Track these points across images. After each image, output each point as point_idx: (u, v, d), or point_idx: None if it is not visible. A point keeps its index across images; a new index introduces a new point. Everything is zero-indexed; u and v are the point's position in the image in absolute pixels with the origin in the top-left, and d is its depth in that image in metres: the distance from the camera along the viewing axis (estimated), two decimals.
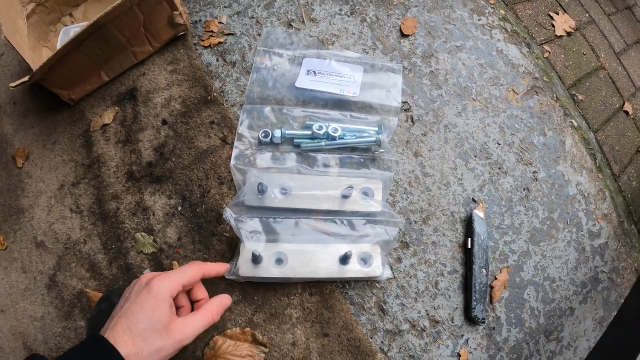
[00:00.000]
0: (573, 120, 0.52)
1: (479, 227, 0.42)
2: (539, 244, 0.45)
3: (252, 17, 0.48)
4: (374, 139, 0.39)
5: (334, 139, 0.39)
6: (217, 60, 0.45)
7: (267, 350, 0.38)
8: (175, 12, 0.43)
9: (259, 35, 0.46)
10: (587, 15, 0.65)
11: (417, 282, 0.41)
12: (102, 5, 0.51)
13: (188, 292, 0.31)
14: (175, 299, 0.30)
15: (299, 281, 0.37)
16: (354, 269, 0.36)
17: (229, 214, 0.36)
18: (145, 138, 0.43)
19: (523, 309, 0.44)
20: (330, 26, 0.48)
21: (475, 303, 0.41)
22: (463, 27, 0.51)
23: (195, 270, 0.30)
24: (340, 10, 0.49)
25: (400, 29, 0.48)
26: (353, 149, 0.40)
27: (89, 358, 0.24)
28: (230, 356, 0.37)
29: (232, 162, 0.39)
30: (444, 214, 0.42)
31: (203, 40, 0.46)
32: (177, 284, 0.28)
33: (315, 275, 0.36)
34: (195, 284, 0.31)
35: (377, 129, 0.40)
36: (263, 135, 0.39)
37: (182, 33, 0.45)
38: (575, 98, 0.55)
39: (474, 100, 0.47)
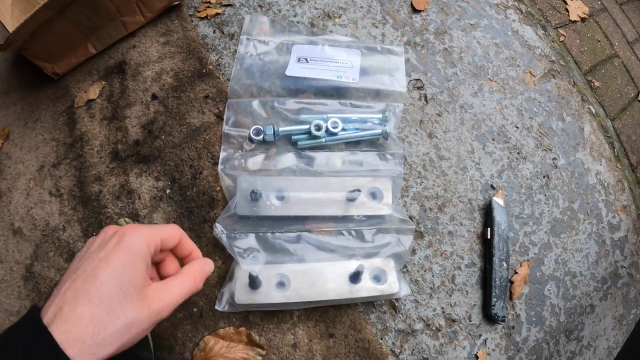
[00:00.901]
0: (591, 107, 0.46)
1: (499, 216, 0.35)
2: (559, 235, 0.39)
3: None
4: (379, 131, 0.32)
5: (334, 133, 0.32)
6: (214, 32, 0.38)
7: (264, 353, 0.31)
8: None
9: (260, 6, 0.40)
10: (599, 2, 0.59)
11: (432, 275, 0.34)
12: None
13: (157, 265, 0.21)
14: (160, 263, 0.21)
15: (305, 306, 0.30)
16: (367, 287, 0.29)
17: (219, 230, 0.29)
18: (132, 114, 0.36)
19: (543, 306, 0.37)
20: None
21: (495, 299, 0.34)
22: (477, 5, 0.44)
23: (173, 227, 0.21)
24: None
25: (412, 3, 0.41)
26: (357, 143, 0.33)
27: (16, 347, 0.14)
28: (223, 358, 0.31)
29: (219, 166, 0.31)
30: (460, 201, 0.36)
31: (199, 11, 0.39)
32: (155, 237, 0.19)
33: (323, 298, 0.29)
34: (179, 245, 0.21)
35: (381, 116, 0.33)
36: (254, 132, 0.32)
37: (177, 2, 0.39)
38: (592, 84, 0.48)
39: (490, 80, 0.40)
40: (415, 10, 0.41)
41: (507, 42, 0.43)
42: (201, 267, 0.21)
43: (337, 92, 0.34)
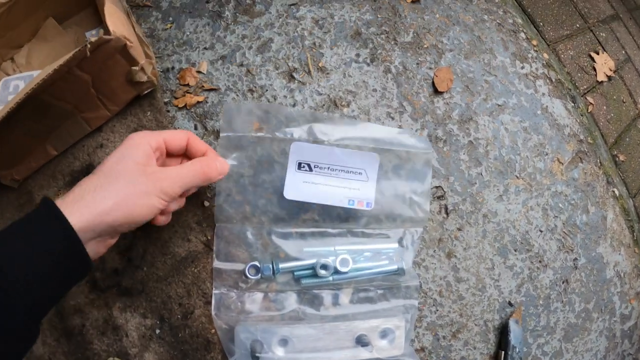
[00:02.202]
0: (615, 189, 0.39)
1: (514, 339, 0.30)
2: (571, 340, 0.35)
3: (242, 64, 0.31)
4: (395, 267, 0.26)
5: (343, 272, 0.25)
6: (195, 128, 0.29)
7: None
8: (135, 68, 0.26)
9: (251, 91, 0.30)
10: (623, 52, 0.50)
11: None
12: (49, 45, 0.33)
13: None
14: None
15: None
16: None
17: None
18: None
19: None
20: (344, 78, 0.31)
21: None
22: (505, 79, 0.35)
23: (181, 132, 0.22)
24: (357, 55, 0.32)
25: (433, 83, 0.32)
26: (369, 279, 0.26)
27: (25, 221, 0.16)
28: None
29: (213, 311, 0.24)
30: (476, 325, 0.30)
31: (176, 98, 0.30)
32: (158, 137, 0.20)
33: None
34: (190, 146, 0.22)
35: (397, 246, 0.26)
36: (251, 272, 0.25)
37: (148, 90, 0.29)
38: (617, 159, 0.41)
39: (517, 177, 0.32)
40: (437, 92, 0.32)
41: (536, 124, 0.34)
42: (213, 160, 0.21)
43: (346, 216, 0.26)
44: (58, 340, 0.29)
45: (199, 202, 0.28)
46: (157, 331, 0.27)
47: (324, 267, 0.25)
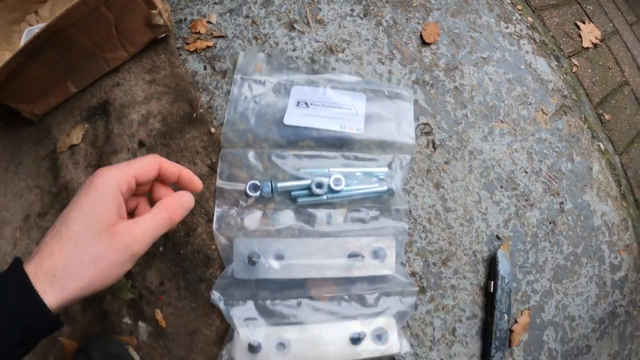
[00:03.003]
0: (600, 143, 0.43)
1: (503, 269, 0.33)
2: (561, 281, 0.38)
3: (247, 16, 0.37)
4: (385, 187, 0.30)
5: (337, 191, 0.29)
6: (205, 68, 0.34)
7: None
8: (153, 11, 0.31)
9: (255, 38, 0.35)
10: (610, 24, 0.55)
11: (433, 329, 0.33)
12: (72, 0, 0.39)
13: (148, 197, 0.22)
14: (153, 191, 0.22)
15: None
16: (368, 349, 0.28)
17: (217, 297, 0.27)
18: (118, 161, 0.33)
19: (541, 351, 0.37)
20: (339, 29, 0.37)
21: (494, 351, 0.33)
22: (489, 36, 0.40)
23: (151, 160, 0.20)
24: (352, 10, 0.38)
25: (421, 35, 0.37)
26: (360, 199, 0.30)
27: None
28: None
29: (214, 226, 0.28)
30: (465, 254, 0.34)
31: (188, 44, 0.35)
32: (125, 175, 0.19)
33: (325, 359, 0.28)
34: (152, 182, 0.21)
35: (386, 170, 0.31)
36: (251, 188, 0.29)
37: (163, 35, 0.34)
38: (602, 118, 0.45)
39: (501, 121, 0.37)
40: (424, 43, 0.37)
41: (519, 77, 0.40)
42: (177, 201, 0.21)
43: (340, 143, 0.31)
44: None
45: (206, 129, 0.32)
46: (160, 249, 0.31)
47: (319, 185, 0.29)
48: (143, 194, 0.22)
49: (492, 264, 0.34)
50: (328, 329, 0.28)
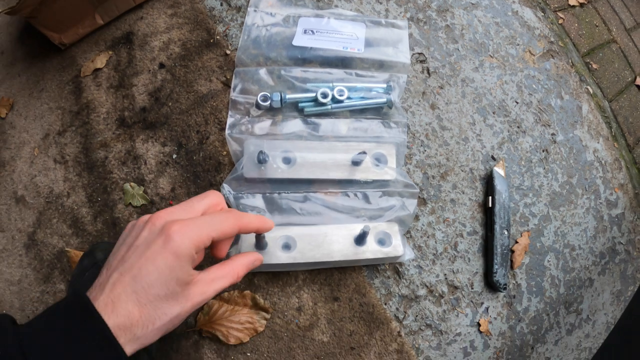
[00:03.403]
0: (588, 87, 0.48)
1: (500, 185, 0.36)
2: (558, 208, 0.40)
3: None
4: (384, 99, 0.33)
5: (340, 101, 0.33)
6: (221, 5, 0.39)
7: (268, 316, 0.32)
8: None
9: None
10: None
11: (435, 242, 0.35)
12: None
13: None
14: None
15: (311, 267, 0.31)
16: (372, 249, 0.30)
17: (227, 190, 0.30)
18: (139, 82, 0.37)
19: (543, 277, 0.38)
20: None
21: (496, 267, 0.35)
22: None
23: (233, 221, 0.20)
24: None
25: None
26: (362, 111, 0.34)
27: (74, 332, 0.16)
28: (227, 322, 0.31)
29: (227, 131, 0.32)
30: (462, 170, 0.37)
31: None
32: (207, 237, 0.19)
33: (328, 259, 0.30)
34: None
35: (385, 86, 0.34)
36: (262, 99, 0.32)
37: None
38: (590, 66, 0.50)
39: (491, 56, 0.42)
40: None
41: (507, 21, 0.45)
42: (248, 264, 0.22)
43: (342, 62, 0.36)
44: (80, 175, 0.36)
45: (222, 52, 0.36)
46: (174, 156, 0.34)
47: (324, 95, 0.33)
48: None
49: (489, 180, 0.37)
50: (333, 229, 0.30)
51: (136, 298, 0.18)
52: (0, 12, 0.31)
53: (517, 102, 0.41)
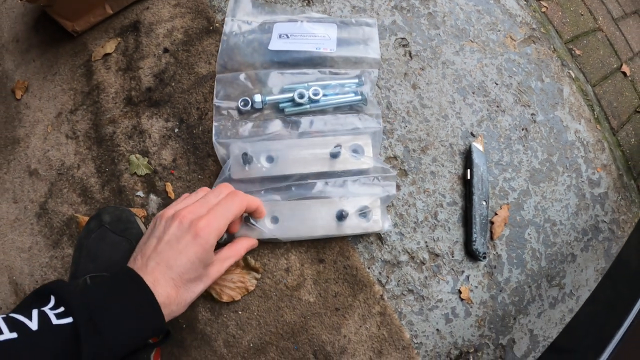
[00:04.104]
0: (570, 71, 0.52)
1: (478, 159, 0.41)
2: (538, 184, 0.45)
3: None
4: (359, 97, 0.38)
5: (316, 100, 0.37)
6: None
7: (259, 276, 0.36)
8: None
9: None
10: None
11: (416, 211, 0.40)
12: None
13: None
14: None
15: (296, 239, 0.36)
16: (352, 224, 0.35)
17: None
18: (145, 65, 0.43)
19: (524, 249, 0.43)
20: None
21: (475, 235, 0.39)
22: None
23: (240, 204, 0.28)
24: None
25: None
26: (338, 108, 0.39)
27: (131, 300, 0.22)
28: (221, 281, 0.36)
29: (214, 138, 0.37)
30: (442, 145, 0.42)
31: None
32: (225, 225, 0.26)
33: (312, 234, 0.35)
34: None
35: (357, 81, 0.39)
36: (242, 103, 0.37)
37: None
38: (573, 52, 0.55)
39: (471, 41, 0.47)
40: None
41: (488, 9, 0.50)
42: (248, 246, 0.32)
43: (316, 62, 0.41)
44: (90, 148, 0.41)
45: (220, 38, 0.42)
46: (176, 130, 0.40)
47: (301, 95, 0.38)
48: None
49: (467, 155, 0.42)
50: (317, 206, 0.35)
51: (173, 283, 0.24)
52: (22, 0, 0.38)
53: (497, 84, 0.46)
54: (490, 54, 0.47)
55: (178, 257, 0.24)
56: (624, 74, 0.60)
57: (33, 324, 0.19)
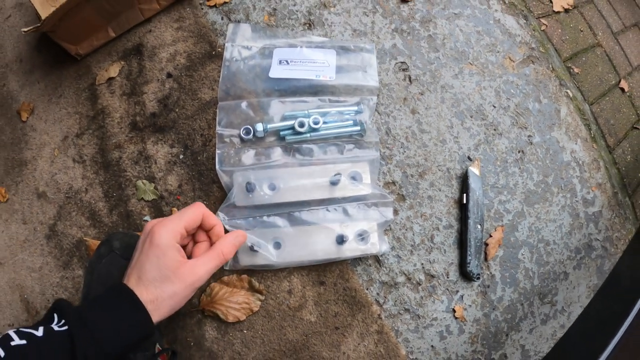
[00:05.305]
0: (568, 90, 0.54)
1: (474, 183, 0.43)
2: (533, 205, 0.47)
3: None
4: (358, 128, 0.40)
5: (316, 129, 0.39)
6: (222, 19, 0.47)
7: (263, 298, 0.39)
8: None
9: None
10: None
11: (413, 234, 0.42)
12: None
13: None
14: (194, 235, 0.32)
15: (297, 265, 0.38)
16: (351, 248, 0.38)
17: (222, 217, 0.37)
18: (149, 90, 0.45)
19: (517, 269, 0.45)
20: None
21: (470, 257, 0.42)
22: None
23: (195, 210, 0.30)
24: None
25: None
26: (337, 136, 0.41)
27: (115, 302, 0.26)
28: (227, 302, 0.39)
29: (217, 166, 0.39)
30: (439, 169, 0.44)
31: (208, 0, 0.48)
32: (178, 228, 0.29)
33: (314, 257, 0.37)
34: (203, 222, 0.31)
35: (356, 108, 0.41)
36: (244, 132, 0.39)
37: None
38: (571, 70, 0.57)
39: (470, 64, 0.49)
40: (403, 1, 0.50)
41: (488, 29, 0.52)
42: (230, 242, 0.31)
43: (316, 90, 0.42)
44: (97, 173, 0.44)
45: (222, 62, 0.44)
46: (181, 156, 0.42)
47: (301, 124, 0.40)
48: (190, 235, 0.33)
49: (464, 179, 0.44)
50: (317, 231, 0.38)
51: (141, 282, 0.27)
52: (27, 31, 0.39)
53: (495, 107, 0.48)
54: (489, 76, 0.49)
55: (142, 259, 0.28)
56: (622, 89, 0.62)
57: (39, 333, 0.24)
